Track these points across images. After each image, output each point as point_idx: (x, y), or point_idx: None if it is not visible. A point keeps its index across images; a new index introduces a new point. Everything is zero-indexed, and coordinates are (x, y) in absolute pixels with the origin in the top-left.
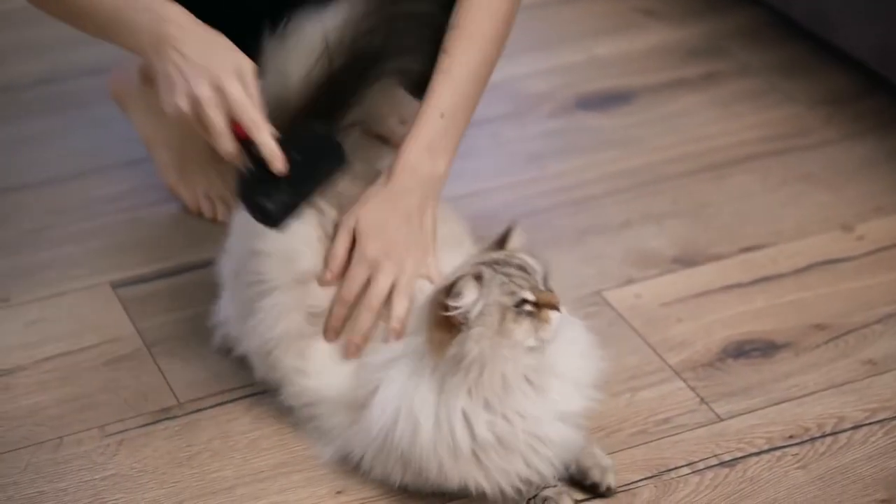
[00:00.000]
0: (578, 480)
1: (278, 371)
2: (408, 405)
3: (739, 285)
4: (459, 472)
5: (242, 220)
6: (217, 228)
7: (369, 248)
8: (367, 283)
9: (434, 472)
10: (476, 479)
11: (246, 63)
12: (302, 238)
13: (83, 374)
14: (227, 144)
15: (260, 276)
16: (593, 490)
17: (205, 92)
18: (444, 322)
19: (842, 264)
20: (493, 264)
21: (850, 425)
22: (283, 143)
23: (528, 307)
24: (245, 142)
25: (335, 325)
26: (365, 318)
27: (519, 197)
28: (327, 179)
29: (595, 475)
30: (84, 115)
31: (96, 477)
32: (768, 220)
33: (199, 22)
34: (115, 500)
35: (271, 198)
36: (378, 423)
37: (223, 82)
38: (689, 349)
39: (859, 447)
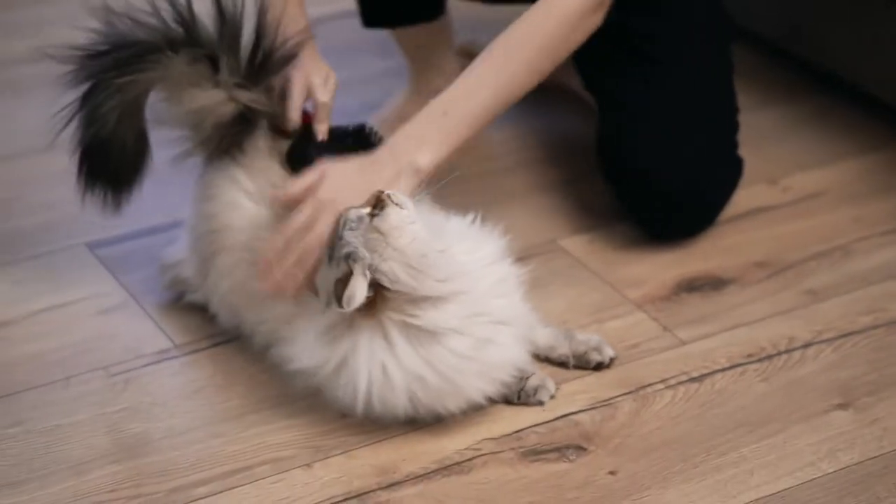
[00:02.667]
0: (583, 366)
1: (242, 321)
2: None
3: None
4: (463, 394)
5: (199, 185)
6: (185, 191)
7: (324, 190)
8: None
9: (441, 407)
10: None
11: (330, 70)
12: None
13: (77, 323)
14: (295, 119)
15: (212, 234)
16: (600, 367)
17: (295, 74)
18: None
19: (772, 211)
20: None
21: (801, 344)
22: (338, 131)
23: (373, 220)
24: (306, 126)
25: (266, 255)
26: (290, 249)
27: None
28: None
29: (595, 356)
30: (35, 97)
31: (109, 410)
32: None
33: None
34: (132, 428)
35: (318, 153)
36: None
37: (312, 79)
38: (646, 286)
39: (812, 362)
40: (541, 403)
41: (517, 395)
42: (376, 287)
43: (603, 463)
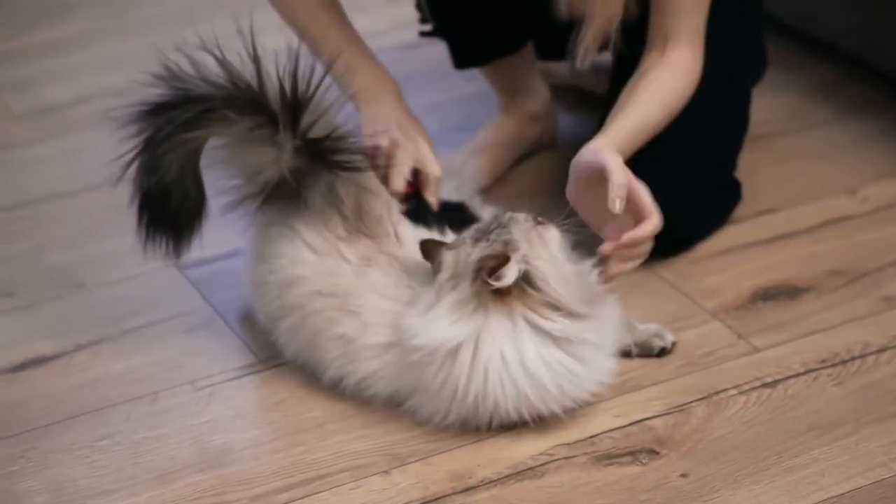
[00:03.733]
0: (646, 353)
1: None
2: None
3: (759, 242)
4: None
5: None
6: None
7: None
8: None
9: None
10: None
11: (427, 133)
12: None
13: (165, 341)
14: (400, 185)
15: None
16: (663, 353)
17: (403, 140)
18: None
19: (850, 221)
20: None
21: (875, 349)
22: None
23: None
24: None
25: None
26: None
27: None
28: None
29: (657, 342)
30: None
31: (194, 422)
32: (779, 189)
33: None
34: (216, 440)
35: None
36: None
37: (416, 137)
38: (721, 296)
39: (885, 366)
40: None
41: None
42: (523, 280)
43: (675, 466)
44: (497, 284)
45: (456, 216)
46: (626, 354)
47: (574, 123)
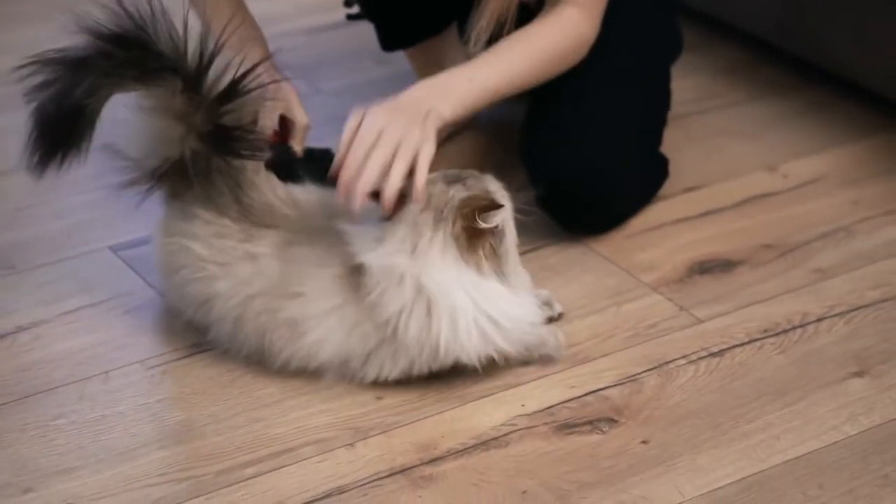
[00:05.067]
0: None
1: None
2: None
3: (688, 218)
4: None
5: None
6: None
7: (377, 117)
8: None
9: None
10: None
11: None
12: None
13: (107, 321)
14: (268, 130)
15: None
16: (551, 321)
17: (271, 88)
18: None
19: (774, 197)
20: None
21: (814, 318)
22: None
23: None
24: (276, 141)
25: (346, 172)
26: (374, 161)
27: None
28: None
29: (547, 311)
30: None
31: (151, 400)
32: (700, 167)
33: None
34: (174, 417)
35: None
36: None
37: (286, 88)
38: (659, 270)
39: (826, 334)
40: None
41: None
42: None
43: (634, 433)
44: (484, 225)
45: (321, 165)
46: None
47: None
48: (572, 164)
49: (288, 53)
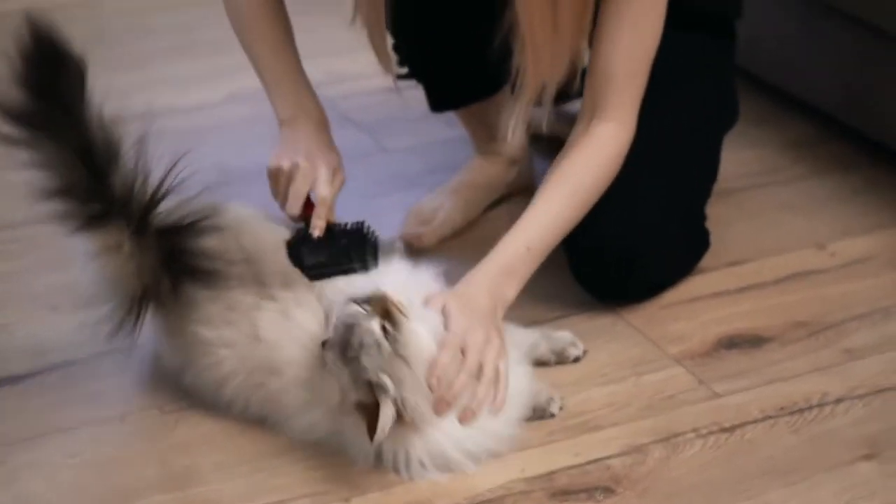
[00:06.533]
0: (563, 362)
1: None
2: None
3: (727, 292)
4: None
5: None
6: None
7: (458, 323)
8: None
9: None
10: None
11: (338, 162)
12: None
13: (137, 365)
14: (295, 208)
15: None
16: (577, 361)
17: (304, 164)
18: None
19: (818, 275)
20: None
21: (833, 399)
22: (335, 229)
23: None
24: (307, 216)
25: (450, 398)
26: (464, 384)
27: None
28: (353, 269)
29: (573, 351)
30: None
31: (162, 445)
32: (749, 241)
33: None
34: (181, 461)
35: (311, 255)
36: None
37: (319, 171)
38: (686, 343)
39: (843, 416)
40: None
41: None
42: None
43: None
44: (378, 439)
45: (355, 240)
46: (543, 363)
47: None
48: (607, 234)
49: (356, 112)
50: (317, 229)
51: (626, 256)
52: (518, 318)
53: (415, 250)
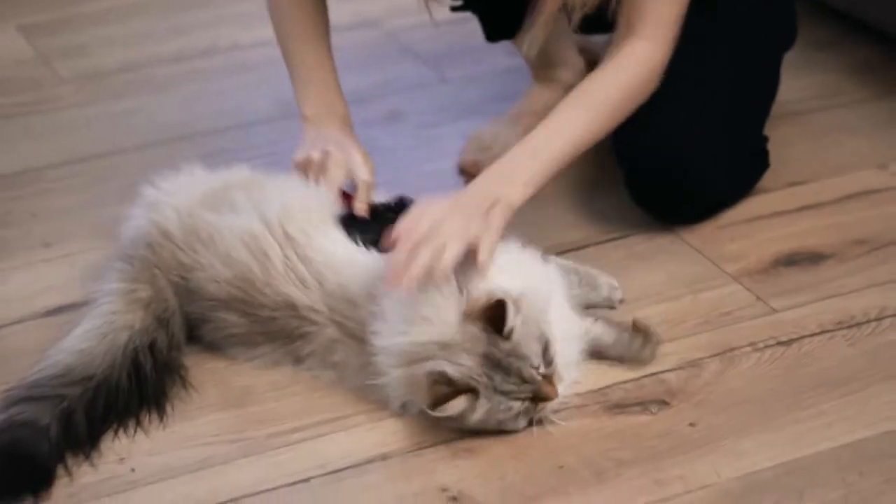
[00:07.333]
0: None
1: None
2: None
3: (787, 212)
4: None
5: None
6: None
7: (433, 211)
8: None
9: None
10: None
11: (366, 152)
12: None
13: None
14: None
15: None
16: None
17: (335, 152)
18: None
19: (879, 194)
20: (491, 367)
21: (891, 312)
22: (379, 208)
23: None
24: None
25: (395, 263)
26: (423, 252)
27: None
28: None
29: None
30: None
31: (219, 366)
32: (810, 162)
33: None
34: (238, 381)
35: (361, 233)
36: None
37: (350, 150)
38: (744, 261)
39: None
40: None
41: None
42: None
43: (684, 416)
44: (435, 415)
45: (392, 216)
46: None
47: None
48: (665, 155)
49: (417, 44)
50: (362, 210)
51: (683, 176)
52: (574, 239)
53: (472, 177)
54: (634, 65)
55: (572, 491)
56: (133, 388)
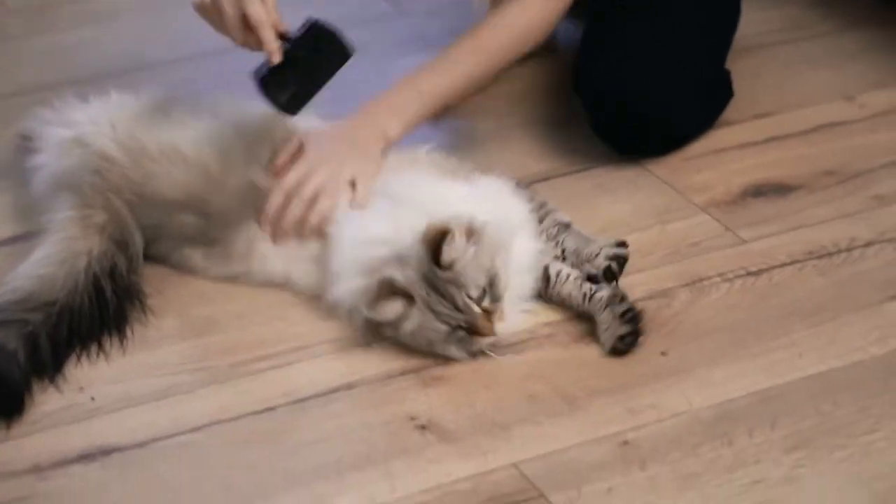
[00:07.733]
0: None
1: None
2: None
3: (753, 143)
4: None
5: None
6: None
7: (311, 153)
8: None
9: None
10: None
11: None
12: None
13: None
14: (238, 36)
15: None
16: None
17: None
18: None
19: (846, 126)
20: (429, 286)
21: (862, 243)
22: (290, 41)
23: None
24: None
25: (269, 212)
26: (294, 206)
27: None
28: (332, 71)
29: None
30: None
31: (182, 293)
32: (776, 94)
33: None
34: (201, 311)
35: (282, 90)
36: None
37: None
38: (712, 192)
39: (872, 259)
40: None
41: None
42: None
43: (655, 345)
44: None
45: (312, 44)
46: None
47: (576, 29)
48: (624, 87)
49: None
50: (273, 55)
51: (643, 107)
52: (539, 170)
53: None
54: (527, 14)
55: (543, 420)
56: (95, 312)
